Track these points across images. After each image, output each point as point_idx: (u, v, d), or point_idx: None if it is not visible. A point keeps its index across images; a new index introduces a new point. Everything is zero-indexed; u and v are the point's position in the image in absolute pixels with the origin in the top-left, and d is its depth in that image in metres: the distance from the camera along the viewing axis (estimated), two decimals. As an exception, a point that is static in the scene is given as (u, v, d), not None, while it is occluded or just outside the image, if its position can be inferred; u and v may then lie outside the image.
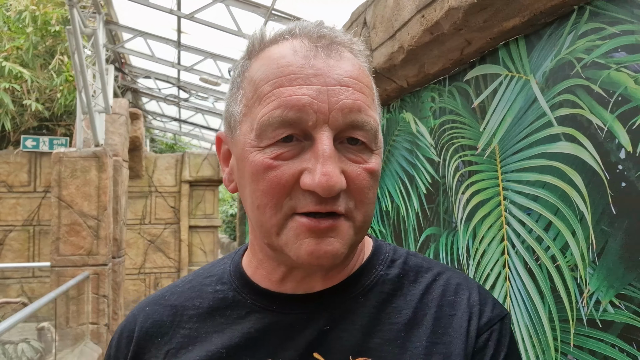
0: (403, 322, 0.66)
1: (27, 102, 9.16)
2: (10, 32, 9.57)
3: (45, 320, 6.58)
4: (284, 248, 0.62)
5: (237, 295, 0.71)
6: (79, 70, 5.89)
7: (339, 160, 0.60)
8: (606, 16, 1.15)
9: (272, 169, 0.60)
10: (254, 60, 0.65)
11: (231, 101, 0.68)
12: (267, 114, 0.60)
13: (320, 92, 0.59)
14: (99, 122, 6.60)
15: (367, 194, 0.62)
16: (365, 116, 0.61)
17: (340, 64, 0.62)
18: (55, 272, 6.19)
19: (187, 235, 10.74)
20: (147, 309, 0.75)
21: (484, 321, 0.66)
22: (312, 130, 0.59)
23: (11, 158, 9.52)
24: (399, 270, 0.71)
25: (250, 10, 5.31)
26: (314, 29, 0.64)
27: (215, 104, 9.42)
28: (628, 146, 1.09)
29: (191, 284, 0.76)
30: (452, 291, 0.69)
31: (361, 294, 0.68)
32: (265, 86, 0.61)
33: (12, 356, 6.01)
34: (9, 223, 9.38)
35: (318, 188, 0.57)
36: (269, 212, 0.61)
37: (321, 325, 0.66)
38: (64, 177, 6.21)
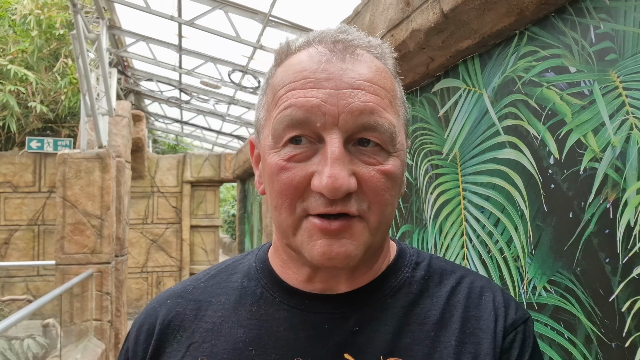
0: (432, 322, 0.67)
1: (32, 104, 9.37)
2: (15, 35, 9.77)
3: (50, 317, 6.79)
4: (300, 249, 0.63)
5: (266, 292, 0.71)
6: (83, 74, 6.08)
7: (350, 162, 0.60)
8: (539, 41, 1.33)
9: (285, 170, 0.62)
10: (279, 67, 0.68)
11: (258, 107, 0.71)
12: (279, 114, 0.62)
13: (331, 95, 0.60)
14: (102, 124, 6.80)
15: (382, 195, 0.62)
16: (379, 118, 0.61)
17: (355, 67, 0.63)
18: (60, 270, 6.38)
19: (189, 235, 10.94)
20: (168, 302, 0.75)
21: (509, 323, 0.67)
22: (322, 132, 0.60)
23: (16, 159, 9.70)
24: (424, 272, 0.72)
25: (249, 17, 5.49)
26: (330, 35, 0.66)
27: (216, 105, 9.61)
28: (555, 153, 1.28)
29: (215, 280, 0.76)
30: (477, 293, 0.70)
31: (389, 295, 0.69)
32: (281, 90, 0.63)
33: (18, 351, 6.20)
34: (15, 222, 9.55)
35: (324, 190, 0.58)
36: (285, 213, 0.63)
37: (351, 326, 0.66)
38: (69, 177, 6.41)
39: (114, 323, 6.90)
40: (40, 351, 6.25)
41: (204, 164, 10.98)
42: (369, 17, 1.94)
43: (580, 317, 1.21)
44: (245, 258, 0.79)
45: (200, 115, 10.73)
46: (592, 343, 1.17)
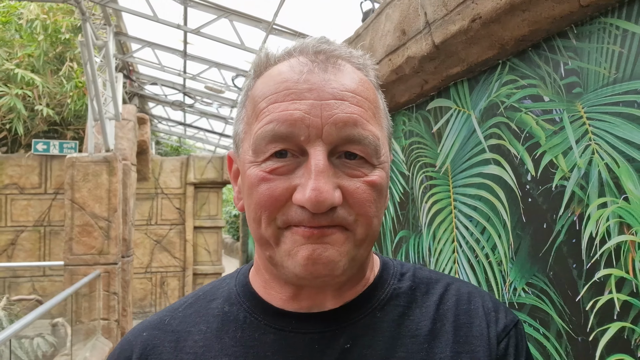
0: (424, 334, 0.65)
1: (38, 108, 9.55)
2: (21, 39, 9.95)
3: (58, 317, 6.96)
4: (282, 260, 0.61)
5: (249, 316, 0.68)
6: (91, 79, 6.26)
7: (334, 175, 0.59)
8: (519, 71, 1.51)
9: (266, 181, 0.60)
10: (257, 80, 0.66)
11: (237, 120, 0.69)
12: (261, 129, 0.60)
13: (314, 107, 0.58)
14: (110, 128, 6.98)
15: (368, 207, 0.60)
16: (362, 130, 0.60)
17: (338, 78, 0.61)
18: (69, 270, 6.57)
19: (192, 236, 11.12)
20: (144, 334, 0.71)
21: (501, 327, 0.67)
22: (306, 145, 0.59)
23: (23, 161, 9.83)
24: (410, 282, 0.71)
25: (253, 25, 5.66)
26: (312, 45, 0.64)
27: (219, 109, 9.79)
28: (532, 171, 1.45)
29: (193, 308, 0.73)
30: (465, 300, 0.69)
31: (377, 308, 0.67)
32: (262, 103, 0.62)
33: (28, 350, 6.38)
34: (21, 224, 9.68)
35: (307, 203, 0.56)
36: (264, 224, 0.61)
37: (342, 344, 0.64)
38: (77, 180, 6.59)
39: (120, 322, 7.08)
40: (49, 349, 6.43)
41: (207, 166, 11.17)
42: (369, 40, 2.12)
43: (552, 315, 1.38)
44: (223, 282, 0.76)
45: (204, 118, 10.91)
46: (562, 338, 1.35)
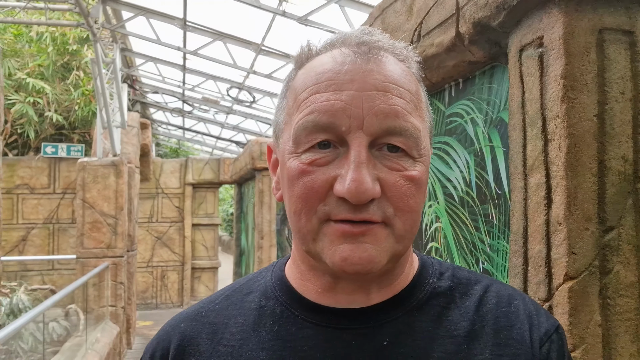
0: (462, 334, 0.64)
1: (47, 114, 10.30)
2: (31, 50, 10.69)
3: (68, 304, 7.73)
4: (321, 254, 0.61)
5: (286, 310, 0.68)
6: (100, 92, 7.05)
7: (374, 167, 0.58)
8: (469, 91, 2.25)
9: (307, 174, 0.59)
10: (299, 70, 0.66)
11: (277, 111, 0.68)
12: (302, 119, 0.60)
13: (355, 98, 0.58)
14: (116, 135, 7.77)
15: (407, 202, 0.60)
16: (404, 122, 0.59)
17: (380, 69, 0.61)
18: (80, 262, 7.36)
19: (190, 233, 11.92)
20: (182, 325, 0.71)
21: (543, 331, 0.66)
22: (347, 136, 0.58)
23: (33, 163, 10.48)
24: (450, 282, 0.70)
25: (244, 47, 6.46)
26: (355, 36, 0.64)
27: (215, 115, 10.58)
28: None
29: (230, 301, 0.73)
30: (505, 302, 0.68)
31: (416, 307, 0.66)
32: (303, 93, 0.62)
33: (44, 333, 7.16)
34: (31, 221, 10.38)
35: (347, 194, 0.56)
36: (304, 218, 0.61)
37: (380, 341, 0.63)
38: (87, 182, 7.38)
39: (126, 309, 7.87)
40: (63, 332, 7.20)
41: (204, 168, 11.96)
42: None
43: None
44: (259, 276, 0.76)
45: (201, 122, 11.71)
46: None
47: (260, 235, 6.68)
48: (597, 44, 1.13)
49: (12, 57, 10.45)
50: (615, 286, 1.10)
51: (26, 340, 6.65)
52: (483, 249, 1.58)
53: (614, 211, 1.12)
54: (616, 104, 1.13)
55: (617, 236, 1.11)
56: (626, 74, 1.14)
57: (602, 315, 1.10)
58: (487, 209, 1.56)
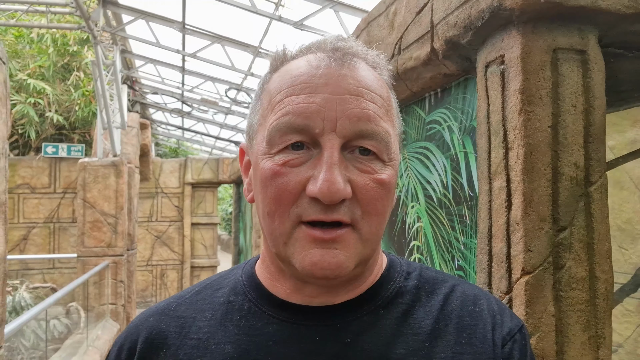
0: (426, 332, 0.66)
1: (48, 114, 10.41)
2: (32, 51, 10.80)
3: (69, 303, 7.86)
4: (291, 258, 0.62)
5: (254, 306, 0.69)
6: (101, 94, 7.17)
7: (346, 168, 0.60)
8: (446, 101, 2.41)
9: (280, 175, 0.60)
10: (274, 73, 0.67)
11: (251, 112, 0.69)
12: (276, 121, 0.61)
13: (329, 101, 0.60)
14: (116, 135, 7.89)
15: (375, 205, 0.61)
16: (375, 126, 0.61)
17: (353, 74, 0.62)
18: (81, 261, 7.49)
19: (190, 232, 12.06)
20: (151, 319, 0.72)
21: (506, 331, 0.67)
22: (320, 138, 0.60)
23: (34, 163, 10.60)
24: (416, 282, 0.71)
25: (241, 49, 6.58)
26: (329, 42, 0.65)
27: (214, 116, 10.71)
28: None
29: (200, 296, 0.74)
30: (470, 302, 0.69)
31: (381, 305, 0.68)
32: (277, 96, 0.63)
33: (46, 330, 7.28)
34: (32, 220, 10.52)
35: (319, 194, 0.57)
36: (277, 220, 0.61)
37: (343, 338, 0.65)
38: (88, 182, 7.50)
39: (126, 307, 8.00)
40: (64, 330, 7.33)
41: (203, 167, 12.09)
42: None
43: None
44: (231, 273, 0.77)
45: (200, 122, 11.83)
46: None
47: (257, 234, 6.79)
48: (552, 62, 1.25)
49: (13, 58, 10.56)
50: (567, 280, 1.23)
51: (28, 337, 6.78)
52: (458, 247, 1.71)
53: (567, 212, 1.24)
54: (569, 116, 1.25)
55: (569, 235, 1.24)
56: (578, 89, 1.26)
57: (556, 307, 1.23)
58: (462, 210, 1.69)
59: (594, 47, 1.29)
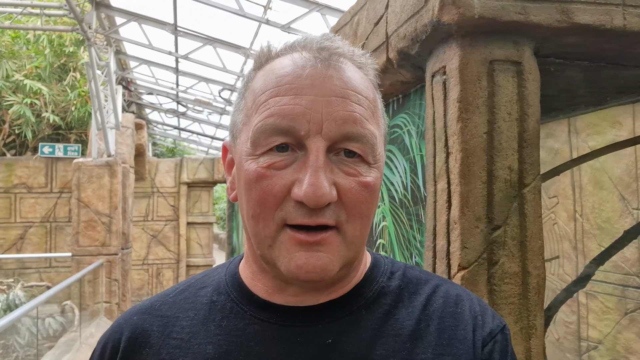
0: (407, 333, 0.65)
1: (45, 115, 10.49)
2: (29, 51, 10.88)
3: (64, 301, 7.96)
4: (276, 261, 0.61)
5: (236, 306, 0.69)
6: (95, 95, 7.27)
7: (331, 171, 0.59)
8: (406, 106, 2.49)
9: (265, 178, 0.60)
10: (258, 71, 0.66)
11: (235, 110, 0.68)
12: (261, 122, 0.60)
13: (315, 103, 0.59)
14: (111, 136, 7.99)
15: (360, 208, 0.61)
16: (361, 128, 0.60)
17: (340, 75, 0.61)
18: (76, 260, 7.60)
19: (185, 231, 12.16)
20: (134, 318, 0.72)
21: (487, 332, 0.67)
22: (305, 140, 0.59)
23: (30, 163, 10.61)
24: (399, 282, 0.71)
25: (233, 51, 6.67)
26: (316, 41, 0.64)
27: (209, 116, 10.80)
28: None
29: (184, 295, 0.73)
30: (452, 302, 0.69)
31: (363, 306, 0.67)
32: (262, 96, 0.62)
33: (40, 328, 7.38)
34: (29, 220, 10.55)
35: (305, 198, 0.57)
36: (262, 223, 0.61)
37: (324, 339, 0.65)
38: (82, 182, 7.61)
39: (120, 305, 8.10)
40: (59, 328, 7.43)
41: (199, 167, 12.18)
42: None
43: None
44: (215, 271, 0.77)
45: (196, 122, 11.92)
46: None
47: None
48: (488, 73, 1.35)
49: (10, 59, 10.64)
50: (500, 275, 1.33)
51: (23, 335, 6.88)
52: (415, 245, 1.81)
53: (501, 212, 1.34)
54: (504, 123, 1.35)
55: (503, 233, 1.34)
56: (513, 98, 1.36)
57: (490, 300, 1.32)
58: (419, 210, 1.79)
59: (529, 59, 1.38)
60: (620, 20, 1.37)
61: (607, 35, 1.38)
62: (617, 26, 1.37)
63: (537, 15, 1.32)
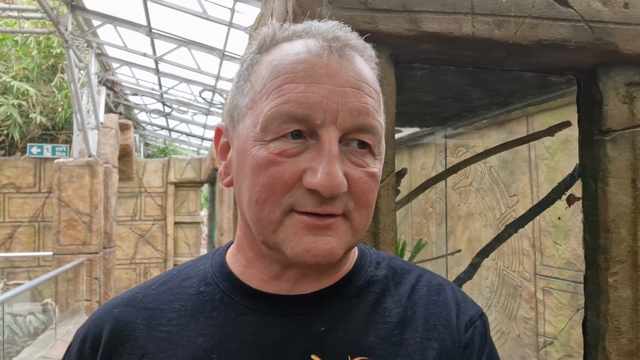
0: (395, 320, 0.67)
1: (32, 116, 10.61)
2: (17, 53, 11.00)
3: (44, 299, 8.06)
4: (281, 245, 0.61)
5: (226, 296, 0.68)
6: (75, 96, 7.38)
7: (342, 162, 0.60)
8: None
9: (275, 164, 0.59)
10: (264, 55, 0.65)
11: (237, 93, 0.66)
12: (274, 108, 0.59)
13: (331, 92, 0.59)
14: (92, 137, 8.11)
15: (367, 197, 0.62)
16: (373, 120, 0.61)
17: (353, 67, 0.62)
18: (57, 258, 7.72)
19: (173, 230, 12.28)
20: (115, 310, 0.69)
21: (467, 318, 0.70)
22: (319, 129, 0.59)
23: (19, 163, 10.74)
24: (385, 271, 0.73)
25: (207, 52, 6.79)
26: (329, 29, 0.64)
27: (194, 116, 10.92)
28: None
29: (167, 286, 0.71)
30: (435, 291, 0.72)
31: (354, 294, 0.69)
32: (275, 81, 0.61)
33: (22, 325, 7.50)
34: (18, 219, 10.70)
35: (321, 187, 0.57)
36: (268, 208, 0.60)
37: (318, 327, 0.65)
38: (63, 182, 7.73)
39: (101, 303, 8.20)
40: (40, 326, 7.55)
41: (186, 167, 12.30)
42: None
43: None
44: (199, 262, 0.75)
45: (184, 123, 12.05)
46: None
47: (220, 232, 6.99)
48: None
49: (-2, 60, 10.76)
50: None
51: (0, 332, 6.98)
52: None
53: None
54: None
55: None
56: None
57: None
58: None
59: (384, 65, 1.48)
60: (469, 28, 1.47)
61: (457, 43, 1.48)
62: (465, 34, 1.47)
63: (386, 25, 1.42)
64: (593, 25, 1.52)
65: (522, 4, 1.49)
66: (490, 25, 1.48)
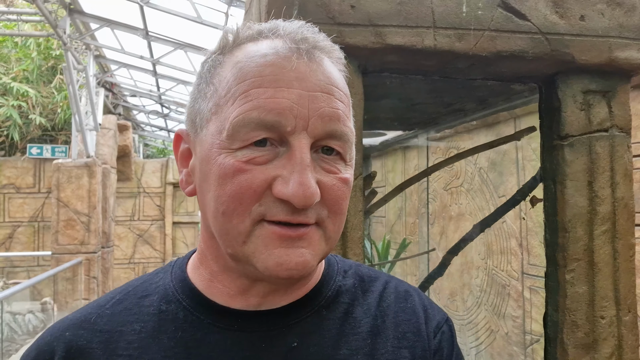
0: (366, 331, 0.66)
1: (32, 117, 10.72)
2: (17, 54, 11.11)
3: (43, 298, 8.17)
4: (251, 258, 0.57)
5: (190, 314, 0.64)
6: (73, 98, 7.49)
7: (314, 169, 0.57)
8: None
9: (243, 172, 0.56)
10: (228, 56, 0.61)
11: (198, 97, 0.62)
12: (242, 114, 0.56)
13: (302, 97, 0.56)
14: (90, 138, 8.21)
15: (340, 205, 0.60)
16: (344, 126, 0.59)
17: (322, 70, 0.59)
18: (55, 258, 7.83)
19: (171, 230, 12.38)
20: (67, 334, 0.64)
21: (435, 324, 0.70)
22: (290, 137, 0.56)
23: (19, 163, 10.87)
24: (353, 280, 0.71)
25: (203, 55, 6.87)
26: (297, 29, 0.60)
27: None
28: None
29: (123, 305, 0.66)
30: (402, 297, 0.71)
31: (324, 306, 0.67)
32: (241, 85, 0.57)
33: (21, 324, 7.61)
34: (17, 219, 10.82)
35: (294, 198, 0.54)
36: (237, 219, 0.57)
37: (289, 343, 0.63)
38: (62, 182, 7.83)
39: (100, 302, 8.31)
40: (39, 324, 7.66)
41: (184, 168, 12.38)
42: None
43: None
44: (156, 277, 0.70)
45: (182, 124, 12.14)
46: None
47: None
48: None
49: (-1, 62, 10.87)
50: (321, 262, 1.54)
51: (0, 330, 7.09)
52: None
53: (323, 208, 1.55)
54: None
55: (324, 226, 1.54)
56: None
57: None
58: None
59: (353, 75, 1.58)
60: (431, 41, 1.57)
61: (421, 54, 1.58)
62: (428, 46, 1.57)
63: (352, 38, 1.52)
64: (550, 37, 1.61)
65: (482, 18, 1.59)
66: (452, 38, 1.58)
